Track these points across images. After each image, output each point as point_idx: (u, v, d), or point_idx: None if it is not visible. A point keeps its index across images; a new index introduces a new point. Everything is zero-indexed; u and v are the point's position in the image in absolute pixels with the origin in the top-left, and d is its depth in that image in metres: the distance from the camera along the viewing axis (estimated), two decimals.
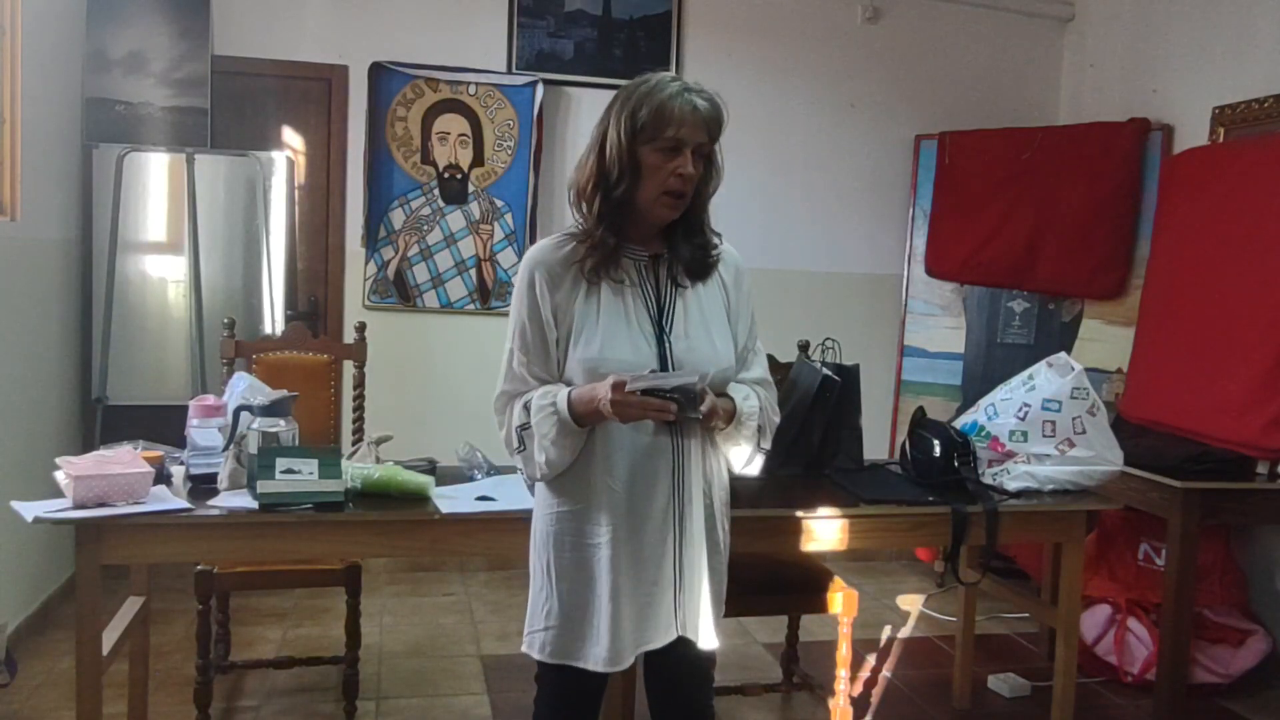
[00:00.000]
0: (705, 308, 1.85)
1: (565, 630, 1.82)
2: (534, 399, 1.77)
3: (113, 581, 2.29)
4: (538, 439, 1.76)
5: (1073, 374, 2.69)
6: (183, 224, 3.91)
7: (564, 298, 1.78)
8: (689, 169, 1.74)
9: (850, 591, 2.75)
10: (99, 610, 2.14)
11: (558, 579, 1.82)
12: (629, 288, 1.81)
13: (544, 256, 1.81)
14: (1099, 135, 4.32)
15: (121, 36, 3.94)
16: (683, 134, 1.73)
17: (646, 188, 1.76)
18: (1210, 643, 3.42)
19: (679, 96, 1.73)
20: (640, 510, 1.79)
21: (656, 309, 1.82)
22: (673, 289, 1.84)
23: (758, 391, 1.91)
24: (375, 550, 2.70)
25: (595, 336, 1.77)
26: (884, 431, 4.77)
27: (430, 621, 3.87)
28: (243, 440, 2.27)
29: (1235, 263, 3.43)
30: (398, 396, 4.17)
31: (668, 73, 1.83)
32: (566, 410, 1.73)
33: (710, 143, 1.79)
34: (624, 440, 1.78)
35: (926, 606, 4.26)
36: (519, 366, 1.81)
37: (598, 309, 1.78)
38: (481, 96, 4.40)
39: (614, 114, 1.77)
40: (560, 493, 1.83)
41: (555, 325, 1.79)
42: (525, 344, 1.80)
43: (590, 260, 1.78)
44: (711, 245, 1.87)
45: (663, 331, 1.80)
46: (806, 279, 4.80)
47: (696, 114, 1.74)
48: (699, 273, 1.86)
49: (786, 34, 4.71)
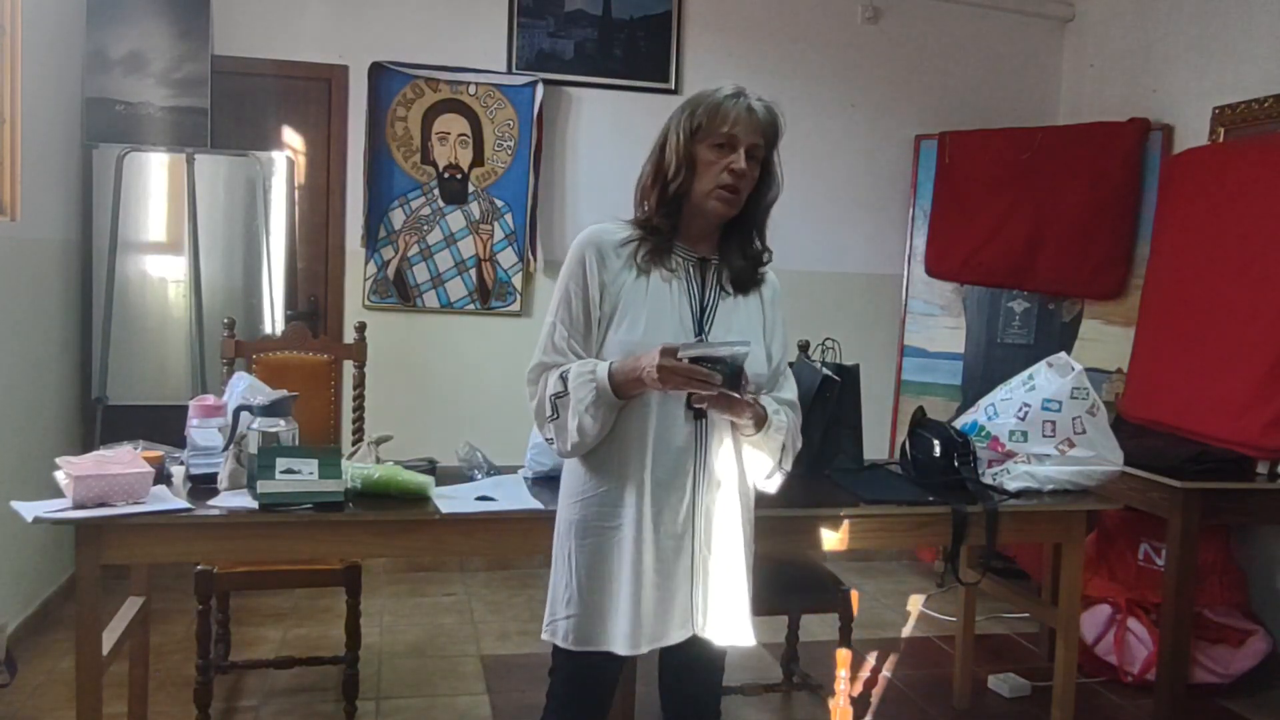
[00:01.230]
0: (744, 318, 1.90)
1: (586, 616, 1.84)
2: (573, 368, 1.80)
3: (113, 581, 2.29)
4: (573, 405, 1.77)
5: (1073, 374, 2.70)
6: (183, 224, 3.91)
7: (611, 278, 1.83)
8: (741, 164, 1.79)
9: (850, 592, 2.75)
10: (99, 610, 2.13)
11: (577, 566, 1.85)
12: (678, 280, 1.85)
13: (598, 237, 1.86)
14: (1099, 135, 4.32)
15: (121, 36, 3.94)
16: (736, 131, 1.80)
17: (702, 182, 1.82)
18: (1210, 643, 3.42)
19: (735, 98, 1.83)
20: (661, 501, 1.82)
21: (699, 308, 1.87)
22: (717, 293, 1.89)
23: (788, 412, 1.93)
24: (375, 550, 2.70)
25: (640, 320, 1.81)
26: (884, 431, 4.77)
27: (430, 621, 3.87)
28: (243, 440, 2.27)
29: (1235, 262, 3.43)
30: (398, 396, 4.17)
31: (733, 84, 1.89)
32: (606, 379, 1.75)
33: (766, 148, 1.85)
34: (653, 430, 1.81)
35: (926, 606, 4.26)
36: (559, 339, 1.84)
37: (645, 294, 1.82)
38: (481, 96, 4.40)
39: (675, 118, 1.87)
40: (589, 473, 1.86)
41: (600, 304, 1.82)
42: (570, 317, 1.84)
43: (645, 247, 1.84)
44: (761, 259, 1.93)
45: (703, 330, 1.85)
46: (806, 279, 4.79)
47: (751, 116, 1.82)
48: (744, 284, 1.91)
49: (786, 34, 4.71)
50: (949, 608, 4.11)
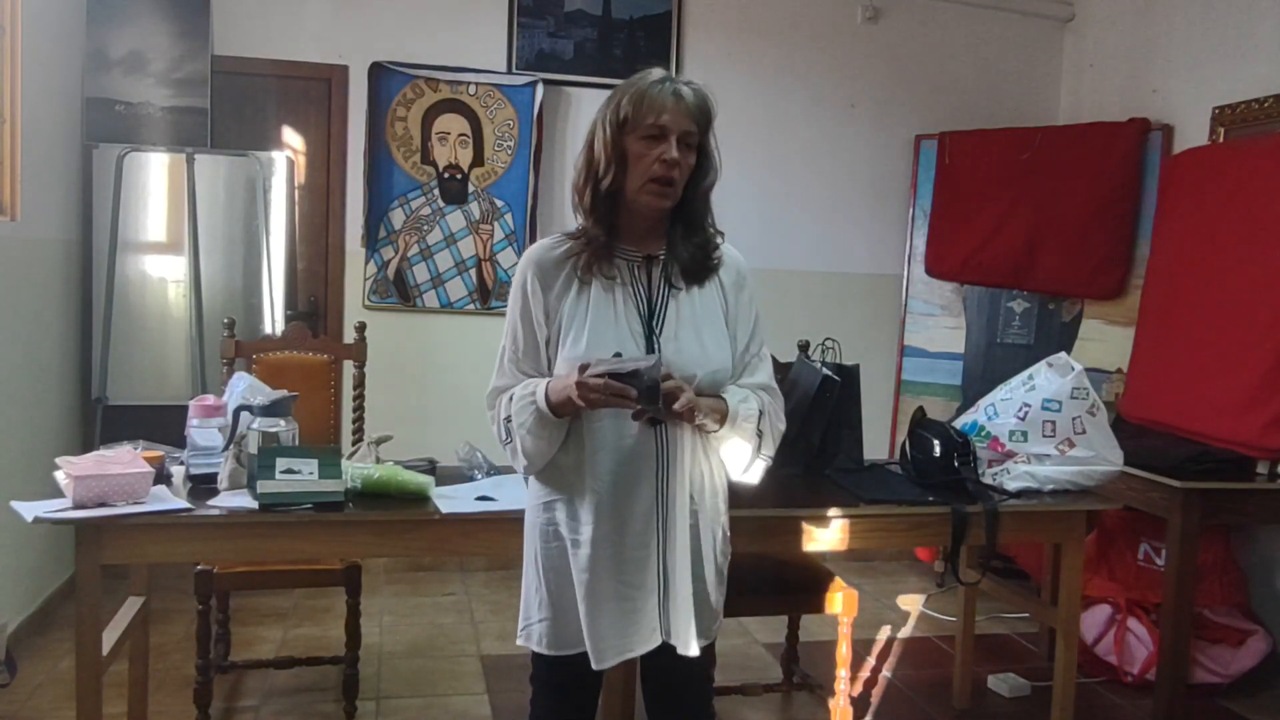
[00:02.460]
0: (699, 310, 1.83)
1: (559, 620, 1.83)
2: (516, 391, 1.79)
3: (113, 581, 2.29)
4: (516, 428, 1.77)
5: (1073, 374, 2.69)
6: (183, 224, 3.91)
7: (555, 297, 1.79)
8: (672, 154, 1.72)
9: (850, 591, 2.75)
10: (99, 610, 2.13)
11: (545, 569, 1.84)
12: (620, 287, 1.80)
13: (538, 255, 1.83)
14: (1099, 135, 4.32)
15: (121, 36, 3.94)
16: (664, 120, 1.73)
17: (633, 177, 1.76)
18: (1210, 643, 3.42)
19: (661, 84, 1.75)
20: (623, 512, 1.77)
21: (648, 310, 1.80)
22: (666, 290, 1.82)
23: (761, 396, 1.87)
24: (375, 550, 2.70)
25: (582, 334, 1.76)
26: (884, 431, 4.77)
27: (430, 621, 3.87)
28: (243, 440, 2.27)
29: (1235, 262, 3.43)
30: (398, 396, 4.17)
31: (658, 69, 1.81)
32: (544, 399, 1.73)
33: (699, 133, 1.77)
34: (608, 439, 1.77)
35: (926, 606, 4.26)
36: (509, 363, 1.84)
37: (587, 307, 1.78)
38: (481, 96, 4.40)
39: (601, 111, 1.80)
40: (546, 484, 1.84)
41: (546, 324, 1.80)
42: (516, 341, 1.83)
43: (583, 256, 1.79)
44: (712, 245, 1.86)
45: (652, 333, 1.79)
46: (806, 279, 4.80)
47: (680, 102, 1.74)
48: (697, 275, 1.84)
49: (786, 34, 4.71)
50: (949, 608, 4.10)
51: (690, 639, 1.79)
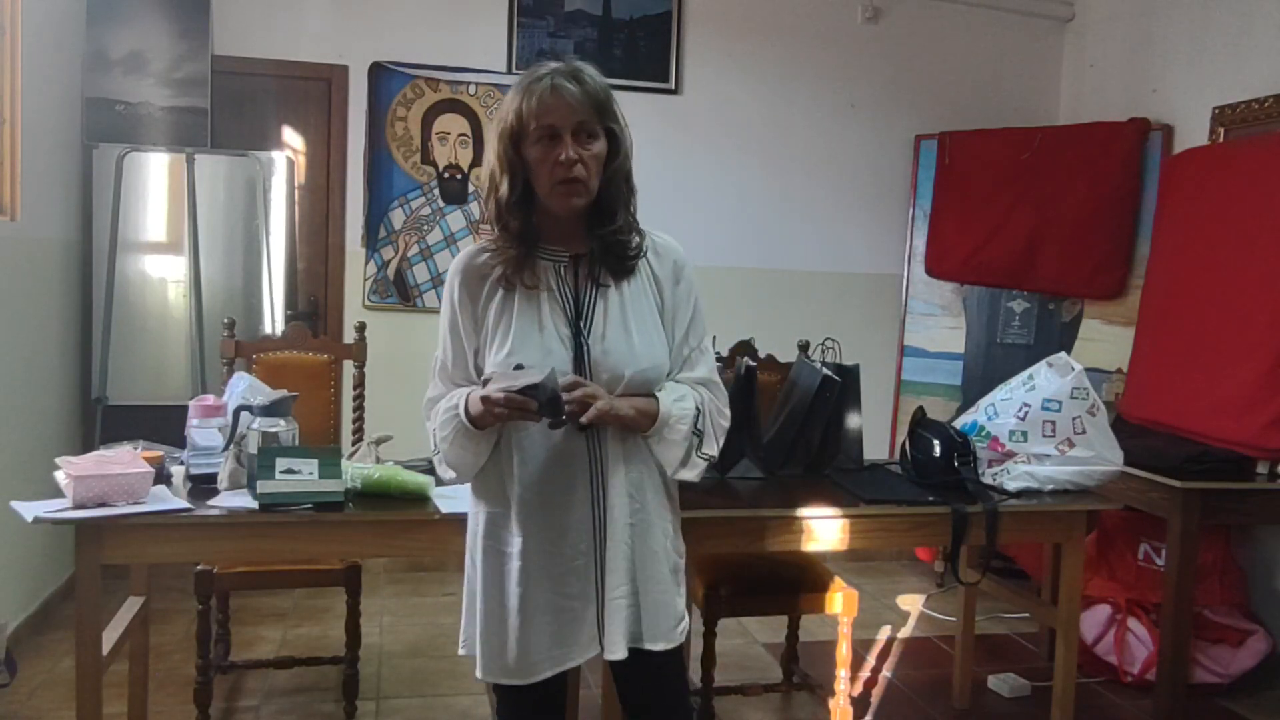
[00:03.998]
0: (629, 306, 1.77)
1: (484, 642, 1.82)
2: (442, 403, 1.78)
3: (113, 581, 2.29)
4: (440, 441, 1.77)
5: (1073, 374, 2.69)
6: (183, 224, 3.91)
7: (481, 304, 1.77)
8: (568, 154, 1.66)
9: (850, 591, 2.75)
10: (99, 610, 2.14)
11: (481, 586, 1.84)
12: (544, 292, 1.75)
13: (463, 265, 1.79)
14: (1099, 135, 4.32)
15: (121, 36, 3.94)
16: (552, 120, 1.66)
17: (540, 184, 1.71)
18: (1210, 643, 3.42)
19: (540, 81, 1.67)
20: (556, 521, 1.74)
21: (574, 311, 1.76)
22: (593, 289, 1.77)
23: (700, 392, 1.81)
24: (375, 550, 2.70)
25: (506, 342, 1.73)
26: (884, 431, 4.77)
27: (430, 621, 3.87)
28: (243, 440, 2.27)
29: (1235, 263, 3.43)
30: (398, 396, 4.15)
31: (548, 62, 1.72)
32: (464, 412, 1.71)
33: (596, 120, 1.69)
34: (535, 447, 1.74)
35: (926, 606, 4.26)
36: (441, 373, 1.82)
37: (511, 315, 1.75)
38: (481, 96, 4.40)
39: (494, 126, 1.75)
40: (479, 498, 1.83)
41: (475, 333, 1.77)
42: (447, 350, 1.81)
43: (500, 269, 1.75)
44: (626, 237, 1.77)
45: (580, 333, 1.74)
46: (806, 279, 4.79)
47: (559, 96, 1.66)
48: (618, 269, 1.77)
49: (786, 34, 4.71)
50: (949, 608, 4.10)
51: (618, 642, 1.75)
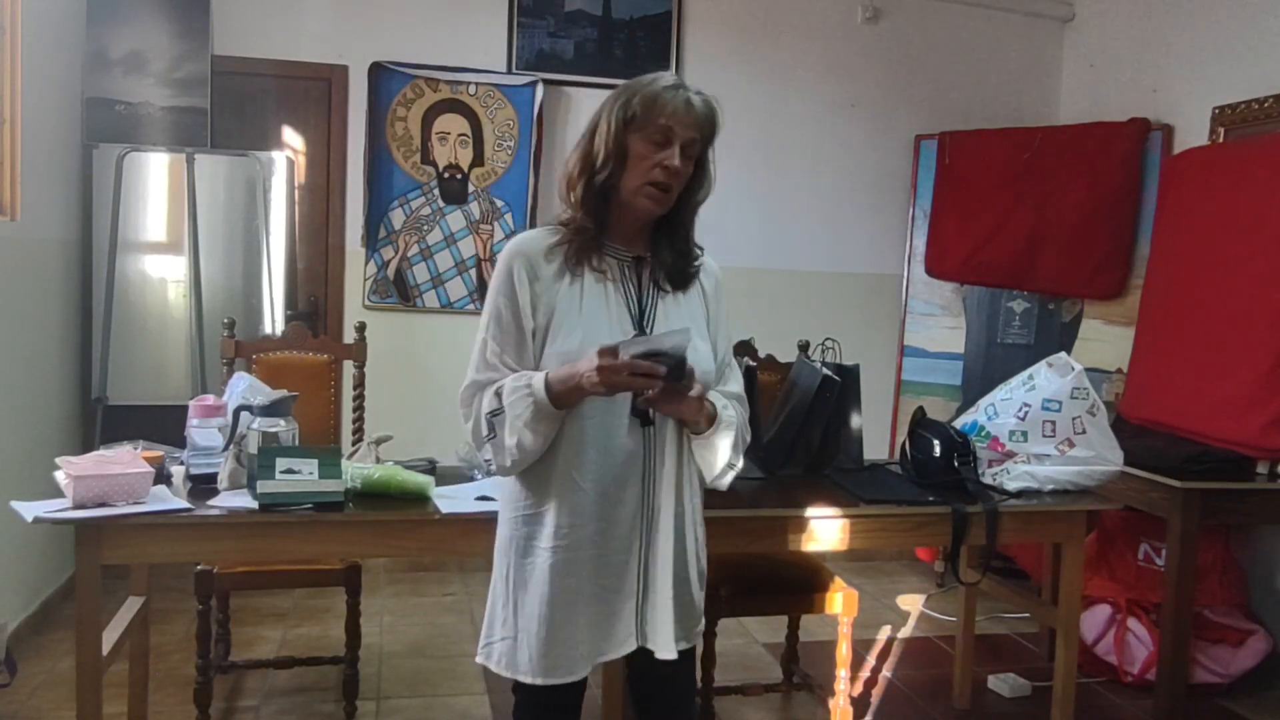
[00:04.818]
0: (684, 315, 1.81)
1: (520, 642, 1.78)
2: (507, 383, 1.72)
3: (113, 581, 2.29)
4: (509, 422, 1.70)
5: (1073, 374, 2.69)
6: (183, 224, 3.91)
7: (544, 288, 1.74)
8: (675, 161, 1.70)
9: (850, 591, 2.75)
10: (99, 610, 2.13)
11: (515, 586, 1.78)
12: (611, 282, 1.77)
13: (524, 246, 1.77)
14: (1099, 135, 4.32)
15: (121, 36, 3.94)
16: (672, 125, 1.70)
17: (631, 176, 1.72)
18: (1210, 643, 3.42)
19: (674, 90, 1.72)
20: (608, 514, 1.74)
21: (638, 310, 1.78)
22: (654, 292, 1.80)
23: (735, 405, 1.86)
24: (375, 550, 2.70)
25: (576, 329, 1.72)
26: (884, 431, 4.77)
27: (430, 621, 3.87)
28: (243, 440, 2.27)
29: (1235, 263, 3.43)
30: (398, 396, 4.17)
31: (670, 74, 1.79)
32: (544, 390, 1.67)
33: (702, 143, 1.76)
34: (596, 439, 1.73)
35: (926, 606, 4.26)
36: (492, 355, 1.76)
37: (580, 300, 1.74)
38: (481, 96, 4.40)
39: (608, 104, 1.76)
40: (527, 491, 1.78)
41: (533, 315, 1.74)
42: (500, 332, 1.76)
43: (573, 247, 1.75)
44: (693, 255, 1.84)
45: (644, 332, 1.76)
46: (806, 279, 4.79)
47: (690, 110, 1.71)
48: (679, 280, 1.82)
49: (786, 34, 4.71)
50: (949, 608, 4.11)
51: (669, 642, 1.77)
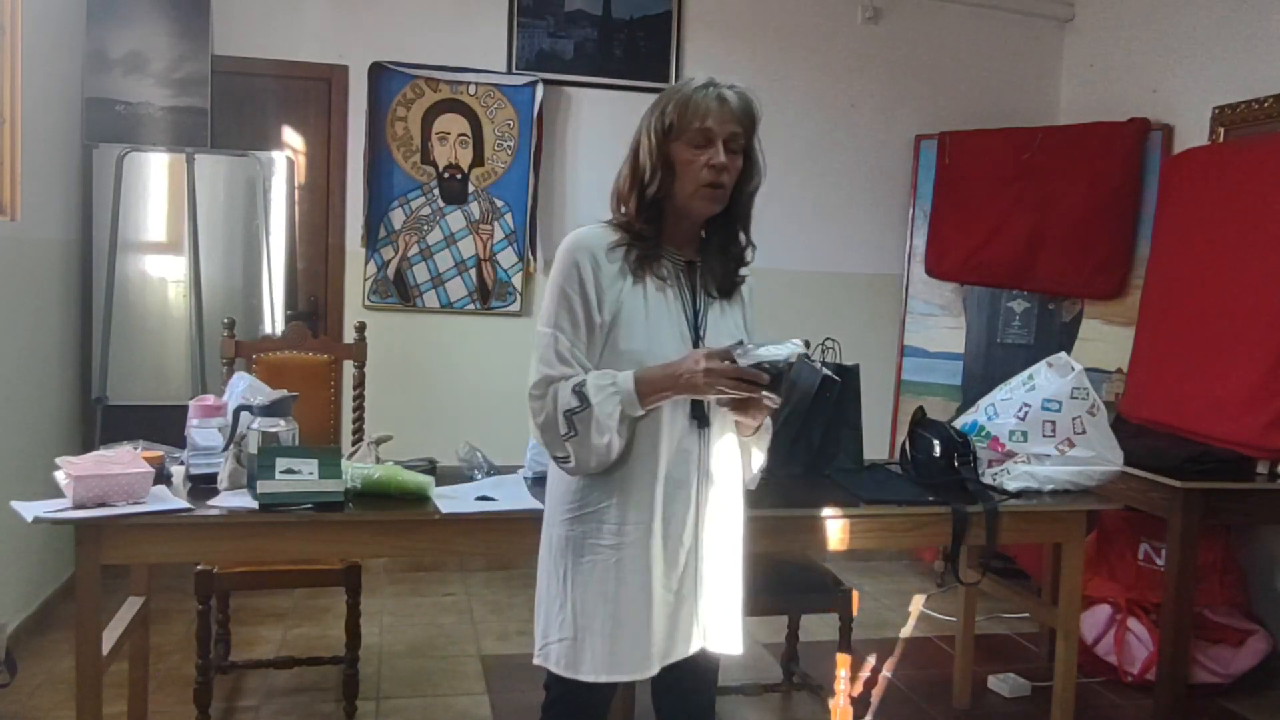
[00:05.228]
0: (731, 321, 1.86)
1: (583, 642, 1.76)
2: (589, 380, 1.69)
3: (113, 581, 2.29)
4: (598, 421, 1.67)
5: (1073, 374, 2.69)
6: (183, 224, 3.91)
7: (608, 283, 1.74)
8: (720, 158, 1.73)
9: (850, 591, 2.75)
10: (99, 610, 2.13)
11: (574, 586, 1.76)
12: (670, 287, 1.79)
13: (589, 241, 1.77)
14: (1099, 135, 4.32)
15: (121, 36, 3.94)
16: (710, 124, 1.73)
17: (683, 183, 1.75)
18: (1210, 643, 3.42)
19: (704, 90, 1.74)
20: (667, 513, 1.76)
21: (692, 315, 1.81)
22: (704, 298, 1.83)
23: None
24: (375, 550, 2.71)
25: (641, 329, 1.74)
26: (884, 431, 4.77)
27: (430, 621, 3.87)
28: (243, 440, 2.27)
29: (1235, 263, 3.43)
30: (398, 396, 4.17)
31: (702, 75, 1.80)
32: (632, 391, 1.68)
33: (745, 136, 1.78)
34: (664, 439, 1.75)
35: (926, 606, 4.26)
36: (564, 349, 1.73)
37: (644, 302, 1.76)
38: (481, 96, 4.40)
39: (646, 118, 1.79)
40: (588, 488, 1.76)
41: (600, 309, 1.73)
42: (573, 325, 1.73)
43: (635, 251, 1.76)
44: (743, 259, 1.87)
45: (698, 338, 1.79)
46: (806, 279, 4.80)
47: (724, 105, 1.74)
48: (727, 286, 1.86)
49: (786, 34, 4.71)
50: (949, 608, 4.10)
51: (735, 637, 1.85)
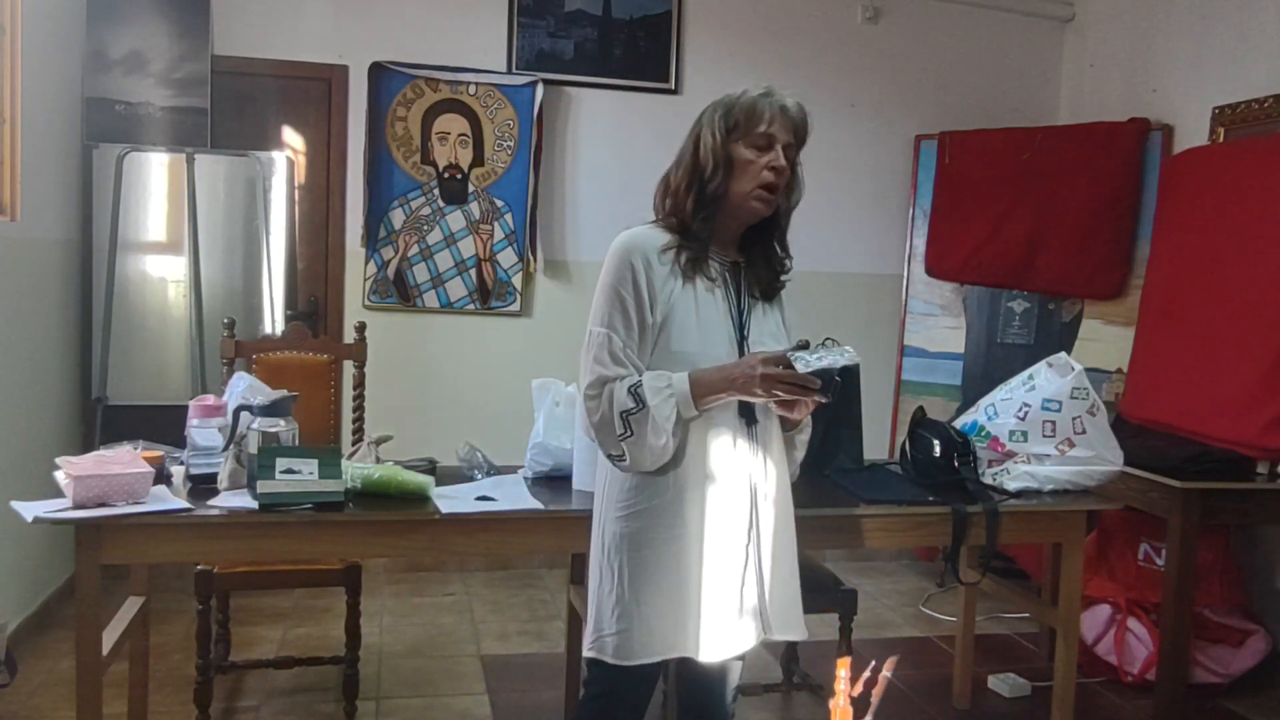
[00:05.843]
0: (772, 324, 1.91)
1: (638, 629, 1.79)
2: (645, 381, 1.73)
3: (113, 581, 2.30)
4: (655, 422, 1.71)
5: (1073, 374, 2.69)
6: (183, 224, 3.91)
7: (660, 284, 1.78)
8: (781, 161, 1.79)
9: (850, 591, 2.75)
10: (99, 610, 2.13)
11: (630, 580, 1.79)
12: (718, 287, 1.84)
13: (641, 242, 1.81)
14: (1099, 135, 4.32)
15: (121, 36, 3.94)
16: (773, 130, 1.80)
17: (740, 183, 1.80)
18: (1210, 643, 3.42)
19: (769, 97, 1.82)
20: (721, 508, 1.81)
21: (738, 315, 1.85)
22: (749, 299, 1.88)
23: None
24: (375, 550, 2.70)
25: (692, 330, 1.78)
26: (884, 431, 4.77)
27: (430, 621, 3.87)
28: (243, 440, 2.27)
29: (1235, 263, 3.43)
30: (398, 396, 4.17)
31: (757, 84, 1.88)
32: (688, 393, 1.73)
33: (796, 147, 1.85)
34: (718, 435, 1.80)
35: (926, 606, 4.26)
36: (618, 349, 1.76)
37: (695, 302, 1.80)
38: (481, 96, 4.40)
39: (706, 118, 1.85)
40: (642, 485, 1.80)
41: (652, 310, 1.77)
42: (626, 325, 1.76)
43: (686, 252, 1.80)
44: (784, 264, 1.92)
45: (744, 339, 1.83)
46: (806, 279, 4.74)
47: (786, 114, 1.82)
48: (770, 288, 1.91)
49: (786, 34, 4.71)
50: (949, 608, 4.11)
51: (798, 623, 1.92)
